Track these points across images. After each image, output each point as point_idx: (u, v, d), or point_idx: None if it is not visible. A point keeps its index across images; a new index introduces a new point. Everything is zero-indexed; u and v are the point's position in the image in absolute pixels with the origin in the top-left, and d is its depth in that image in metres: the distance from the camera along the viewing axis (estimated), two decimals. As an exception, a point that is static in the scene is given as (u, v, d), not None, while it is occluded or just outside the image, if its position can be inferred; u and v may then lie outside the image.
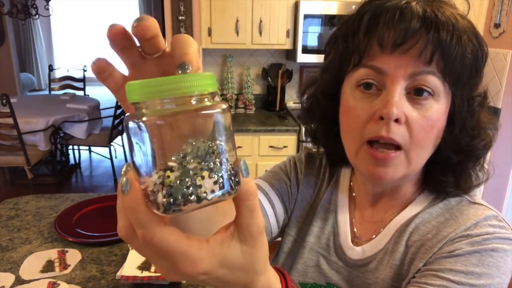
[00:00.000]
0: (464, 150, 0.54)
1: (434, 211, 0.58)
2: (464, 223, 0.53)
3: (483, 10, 2.73)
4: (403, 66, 0.49)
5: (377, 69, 0.51)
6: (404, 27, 0.48)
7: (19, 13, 4.13)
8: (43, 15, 4.44)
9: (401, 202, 0.61)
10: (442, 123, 0.52)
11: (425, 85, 0.50)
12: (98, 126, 3.87)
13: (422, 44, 0.48)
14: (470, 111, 0.53)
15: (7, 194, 3.61)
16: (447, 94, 0.51)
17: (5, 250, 1.16)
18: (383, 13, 0.50)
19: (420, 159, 0.54)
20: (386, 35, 0.49)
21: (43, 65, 8.29)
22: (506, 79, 2.62)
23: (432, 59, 0.48)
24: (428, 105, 0.50)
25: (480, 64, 0.51)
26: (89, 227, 1.27)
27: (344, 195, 0.68)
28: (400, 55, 0.49)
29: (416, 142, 0.51)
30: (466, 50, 0.49)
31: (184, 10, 2.31)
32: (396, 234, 0.59)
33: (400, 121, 0.50)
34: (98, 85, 3.33)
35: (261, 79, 3.08)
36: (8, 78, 5.27)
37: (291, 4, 2.57)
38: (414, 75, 0.49)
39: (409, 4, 0.50)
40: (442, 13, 0.49)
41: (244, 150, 2.62)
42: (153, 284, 1.03)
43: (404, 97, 0.50)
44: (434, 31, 0.48)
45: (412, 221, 0.58)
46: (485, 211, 0.55)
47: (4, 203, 1.46)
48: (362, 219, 0.65)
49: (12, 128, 3.01)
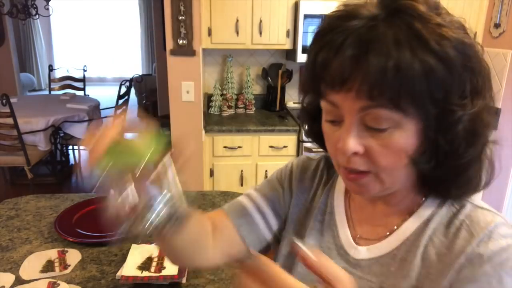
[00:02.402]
0: (443, 165, 0.51)
1: (443, 220, 0.56)
2: (477, 234, 0.52)
3: (483, 10, 2.72)
4: (351, 102, 0.48)
5: (333, 103, 0.51)
6: (338, 66, 0.47)
7: (19, 13, 4.12)
8: (43, 15, 4.44)
9: (403, 208, 0.59)
10: (408, 147, 0.49)
11: (375, 121, 0.48)
12: (98, 126, 3.87)
13: (358, 83, 0.46)
14: (443, 128, 0.49)
15: (7, 194, 3.61)
16: (409, 118, 0.47)
17: (5, 250, 1.16)
18: (322, 50, 0.49)
19: (394, 179, 0.53)
20: (326, 75, 0.49)
21: (43, 65, 8.29)
22: (506, 79, 2.62)
23: (372, 96, 0.46)
24: (387, 135, 0.48)
25: (445, 79, 0.46)
26: (89, 227, 1.27)
27: (340, 196, 0.68)
28: (345, 93, 0.48)
29: (382, 168, 0.51)
30: (412, 76, 0.44)
31: (184, 10, 2.30)
32: (407, 243, 0.57)
33: (359, 153, 0.50)
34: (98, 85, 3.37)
35: (261, 79, 3.08)
36: (8, 78, 5.27)
37: (291, 4, 2.56)
38: (363, 109, 0.48)
39: (347, 37, 0.47)
40: (376, 39, 0.45)
41: (244, 150, 2.62)
42: (153, 284, 1.03)
43: (363, 128, 0.49)
44: (367, 68, 0.45)
45: (423, 231, 0.56)
46: (493, 217, 0.54)
47: (4, 203, 1.46)
48: (362, 220, 0.64)
49: (12, 128, 3.01)
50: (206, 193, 1.58)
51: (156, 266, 1.08)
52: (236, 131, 2.58)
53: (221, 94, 2.92)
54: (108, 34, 8.88)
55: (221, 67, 3.03)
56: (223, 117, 2.84)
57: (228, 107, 2.90)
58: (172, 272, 1.05)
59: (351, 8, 0.50)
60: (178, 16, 2.31)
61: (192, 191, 1.59)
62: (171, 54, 2.39)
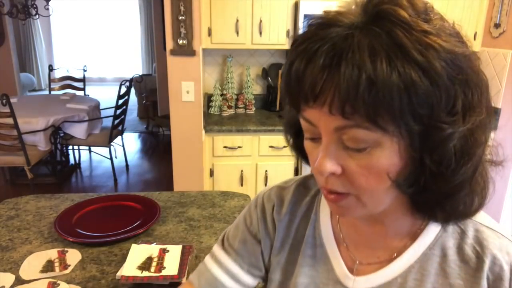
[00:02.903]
0: (430, 186, 0.45)
1: (449, 244, 0.53)
2: (505, 275, 0.50)
3: (483, 10, 2.73)
4: (326, 120, 0.44)
5: (309, 121, 0.47)
6: (309, 80, 0.43)
7: (19, 13, 4.13)
8: (43, 15, 4.44)
9: (405, 231, 0.55)
10: (390, 166, 0.45)
11: (352, 141, 0.44)
12: (98, 126, 3.87)
13: (330, 98, 0.42)
14: (428, 147, 0.43)
15: (7, 194, 3.61)
16: (390, 136, 0.43)
17: (5, 250, 1.16)
18: (294, 63, 0.45)
19: (376, 202, 0.48)
20: (300, 89, 0.45)
21: (43, 65, 8.29)
22: (506, 79, 2.63)
23: (345, 113, 0.41)
24: (366, 155, 0.44)
25: (432, 96, 0.41)
26: (89, 227, 1.27)
27: (327, 224, 0.62)
28: (319, 109, 0.43)
29: (362, 189, 0.46)
30: (390, 91, 0.39)
31: (184, 10, 2.31)
32: (413, 271, 0.54)
33: (336, 173, 0.46)
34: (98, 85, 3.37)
35: (261, 79, 3.08)
36: (8, 78, 5.27)
37: (291, 4, 2.57)
38: (338, 129, 0.44)
39: (319, 48, 0.43)
40: (349, 52, 0.41)
41: (244, 150, 2.62)
42: (153, 284, 1.03)
43: (341, 147, 0.45)
44: (337, 81, 0.41)
45: (430, 258, 0.53)
46: (504, 244, 0.52)
47: (4, 203, 1.46)
48: (359, 244, 0.58)
49: (12, 128, 3.01)
50: (206, 193, 1.58)
51: (156, 266, 1.08)
52: (236, 131, 2.58)
53: (221, 94, 2.92)
54: (108, 34, 8.88)
55: (221, 67, 3.03)
56: (223, 117, 2.84)
57: (228, 107, 2.91)
58: (172, 272, 1.05)
59: (332, 15, 0.45)
60: (178, 16, 2.31)
61: (192, 191, 1.59)
62: (171, 54, 2.39)
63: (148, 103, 5.87)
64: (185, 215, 1.39)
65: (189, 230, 1.30)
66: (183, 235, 1.27)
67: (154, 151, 5.05)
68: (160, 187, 3.93)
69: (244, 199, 1.52)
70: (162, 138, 5.45)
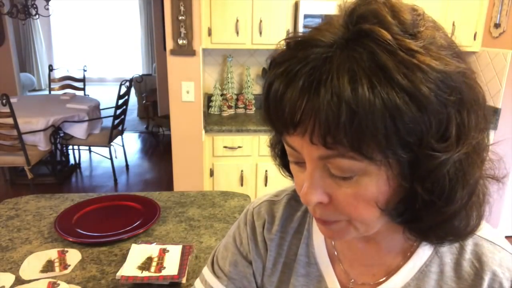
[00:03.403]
0: (422, 215, 0.43)
1: (446, 261, 0.51)
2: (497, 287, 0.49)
3: (483, 10, 2.73)
4: (308, 149, 0.41)
5: (291, 147, 0.44)
6: (287, 107, 0.40)
7: (19, 13, 4.13)
8: (43, 15, 4.44)
9: (399, 248, 0.53)
10: (383, 192, 0.41)
11: (338, 170, 0.41)
12: (98, 126, 3.87)
13: (310, 128, 0.39)
14: (419, 176, 0.40)
15: (7, 194, 3.61)
16: (378, 163, 0.39)
17: (5, 250, 1.16)
18: (273, 86, 0.41)
19: (367, 226, 0.45)
20: (279, 115, 0.41)
21: (43, 65, 8.29)
22: (506, 79, 2.63)
23: (327, 143, 0.38)
24: (354, 183, 0.41)
25: (420, 123, 0.37)
26: (89, 227, 1.27)
27: (320, 241, 0.59)
28: (301, 137, 0.40)
29: (352, 217, 0.44)
30: (372, 119, 0.36)
31: (184, 10, 2.31)
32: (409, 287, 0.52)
33: (324, 202, 0.43)
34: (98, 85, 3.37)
35: (261, 79, 3.08)
36: (8, 78, 5.28)
37: (291, 4, 2.57)
38: (322, 158, 0.41)
39: (294, 78, 0.39)
40: (328, 78, 0.37)
41: (244, 150, 2.62)
42: (153, 284, 1.03)
43: (326, 174, 0.42)
44: (316, 110, 0.37)
45: (427, 275, 0.51)
46: (504, 258, 0.50)
47: (4, 203, 1.46)
48: (353, 261, 0.56)
49: (12, 128, 3.01)
50: (206, 193, 1.58)
51: (156, 266, 1.08)
52: (236, 131, 2.58)
53: (221, 94, 2.92)
54: (108, 34, 8.89)
55: (221, 67, 3.03)
56: (223, 117, 2.84)
57: (228, 107, 2.91)
58: (172, 272, 1.05)
59: (312, 33, 0.41)
60: (178, 16, 2.31)
61: (192, 191, 1.59)
62: (171, 54, 2.39)
63: (148, 103, 5.87)
64: (185, 215, 1.39)
65: (189, 230, 1.30)
66: (183, 235, 1.27)
67: (154, 151, 5.05)
68: (160, 187, 3.94)
69: (244, 199, 1.52)
70: (162, 138, 5.45)
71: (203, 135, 2.55)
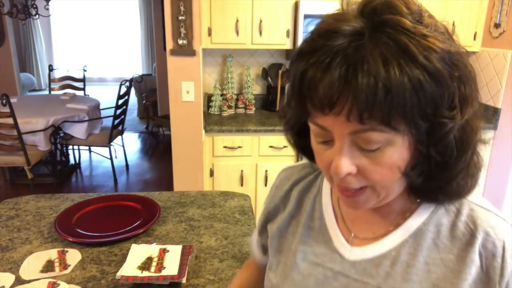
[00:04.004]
0: (435, 175, 0.51)
1: (444, 221, 0.56)
2: (497, 251, 0.52)
3: (483, 10, 2.73)
4: (341, 125, 0.47)
5: (321, 126, 0.49)
6: (326, 90, 0.45)
7: (19, 13, 4.13)
8: (43, 15, 4.44)
9: (399, 208, 0.58)
10: (401, 161, 0.49)
11: (367, 143, 0.47)
12: (98, 126, 3.87)
13: (348, 106, 0.45)
14: (433, 140, 0.48)
15: (7, 194, 3.61)
16: (400, 135, 0.47)
17: (5, 250, 1.16)
18: (307, 74, 0.47)
19: (389, 191, 0.52)
20: (315, 99, 0.47)
21: (43, 65, 8.29)
22: (506, 79, 2.63)
23: (362, 119, 0.45)
24: (379, 153, 0.48)
25: (435, 93, 0.45)
26: (89, 227, 1.27)
27: (327, 199, 0.66)
28: (335, 116, 0.47)
29: (377, 183, 0.51)
30: (403, 95, 0.43)
31: (184, 10, 2.30)
32: (407, 245, 0.56)
33: (352, 173, 0.50)
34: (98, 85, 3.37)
35: (261, 79, 3.08)
36: (8, 78, 5.28)
37: (291, 4, 2.57)
38: (353, 133, 0.47)
39: (330, 65, 0.45)
40: (364, 63, 0.43)
41: (244, 150, 2.62)
42: (153, 284, 1.03)
43: (354, 148, 0.49)
44: (355, 91, 0.44)
45: (424, 233, 0.56)
46: (497, 222, 0.54)
47: (4, 203, 1.46)
48: (355, 219, 0.62)
49: (12, 128, 3.01)
50: (206, 193, 1.58)
51: (156, 266, 1.08)
52: (236, 131, 2.58)
53: (221, 94, 2.92)
54: (108, 34, 8.88)
55: (221, 67, 3.03)
56: (223, 117, 2.84)
57: (228, 107, 2.91)
58: (172, 272, 1.05)
59: (332, 23, 0.48)
60: (178, 16, 2.31)
61: (192, 191, 1.59)
62: (171, 54, 2.39)
63: (148, 103, 5.87)
64: (185, 215, 1.39)
65: (189, 230, 1.30)
66: (183, 235, 1.27)
67: (154, 151, 5.05)
68: (160, 187, 3.94)
69: (244, 199, 1.52)
70: (162, 138, 5.45)
71: (203, 135, 2.55)
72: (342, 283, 0.59)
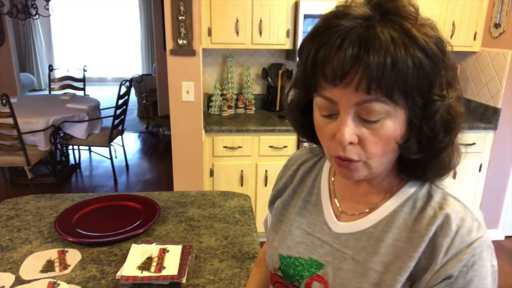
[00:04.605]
0: (424, 149, 0.58)
1: (417, 204, 0.62)
2: (450, 232, 0.57)
3: (483, 10, 2.73)
4: (348, 96, 0.53)
5: (329, 99, 0.55)
6: (339, 61, 0.52)
7: (19, 13, 4.13)
8: (43, 15, 4.44)
9: (384, 189, 0.65)
10: (397, 134, 0.56)
11: (370, 114, 0.54)
12: (98, 126, 3.87)
13: (358, 77, 0.51)
14: (426, 116, 0.55)
15: (7, 194, 3.62)
16: (399, 109, 0.54)
17: (5, 250, 1.16)
18: (323, 46, 0.53)
19: (381, 164, 0.59)
20: (327, 70, 0.53)
21: (43, 65, 8.29)
22: (506, 79, 2.62)
23: (370, 90, 0.51)
24: (379, 125, 0.54)
25: (430, 72, 0.52)
26: (89, 227, 1.27)
27: (325, 179, 0.75)
28: (344, 88, 0.53)
29: (373, 155, 0.57)
30: (406, 69, 0.50)
31: (184, 10, 2.30)
32: (383, 223, 0.63)
33: (354, 142, 0.56)
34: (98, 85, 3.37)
35: (261, 79, 3.08)
36: (8, 78, 5.27)
37: (291, 4, 2.57)
38: (359, 103, 0.53)
39: (346, 34, 0.52)
40: (375, 38, 0.51)
41: (244, 150, 2.62)
42: (153, 284, 1.03)
43: (357, 120, 0.55)
44: (367, 62, 0.50)
45: (398, 213, 0.63)
46: (461, 210, 0.59)
47: (4, 203, 1.46)
48: (345, 197, 0.71)
49: (12, 128, 3.01)
50: (206, 193, 1.58)
51: (156, 266, 1.08)
52: (236, 131, 2.58)
53: (221, 94, 2.92)
54: (108, 34, 8.88)
55: (221, 67, 3.03)
56: (223, 117, 2.84)
57: (228, 107, 2.91)
58: (172, 272, 1.05)
59: (343, 8, 0.55)
60: (178, 16, 2.31)
61: (192, 191, 1.59)
62: (171, 54, 2.39)
63: (148, 103, 5.87)
64: (185, 215, 1.39)
65: (189, 230, 1.30)
66: (183, 235, 1.27)
67: (154, 151, 5.05)
68: (160, 187, 3.94)
69: (244, 199, 1.52)
70: (162, 138, 5.45)
71: (203, 135, 2.56)
72: (326, 250, 0.68)
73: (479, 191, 2.89)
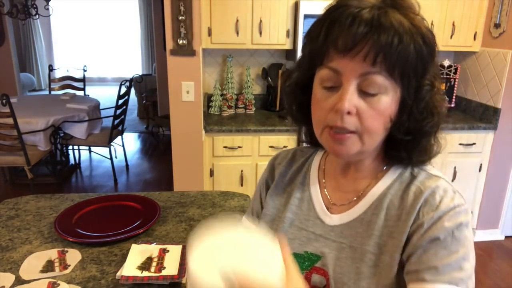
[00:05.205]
0: (412, 131, 0.63)
1: (402, 186, 0.67)
2: (434, 202, 0.62)
3: (483, 10, 2.73)
4: (354, 67, 0.58)
5: (334, 69, 0.60)
6: (352, 33, 0.57)
7: (19, 13, 4.12)
8: (43, 15, 4.44)
9: (370, 175, 0.70)
10: (391, 111, 0.61)
11: (371, 86, 0.59)
12: (98, 126, 3.87)
13: (367, 49, 0.57)
14: (418, 99, 0.61)
15: (7, 194, 3.61)
16: (396, 87, 0.60)
17: (5, 250, 1.16)
18: (338, 20, 0.59)
19: (373, 141, 0.63)
20: (340, 41, 0.58)
21: (43, 65, 8.29)
22: (506, 79, 2.62)
23: (376, 61, 0.57)
24: (377, 99, 0.59)
25: (426, 59, 0.59)
26: (89, 227, 1.27)
27: (315, 175, 0.78)
28: (352, 58, 0.58)
29: (367, 129, 0.61)
30: (409, 50, 0.57)
31: (184, 10, 2.30)
32: (372, 207, 0.67)
33: (352, 113, 0.60)
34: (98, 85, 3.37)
35: (261, 79, 3.08)
36: (8, 78, 5.27)
37: (291, 4, 2.57)
38: (363, 75, 0.58)
39: (360, 12, 0.58)
40: (386, 18, 0.57)
41: (244, 150, 2.62)
42: (153, 284, 1.03)
43: (356, 92, 0.60)
44: (377, 36, 0.56)
45: (385, 196, 0.67)
46: (443, 184, 0.64)
47: (4, 203, 1.46)
48: (335, 188, 0.74)
49: (12, 128, 3.01)
50: (206, 193, 1.58)
51: (156, 266, 1.08)
52: (236, 131, 2.58)
53: (221, 94, 2.92)
54: (108, 34, 8.88)
55: (221, 67, 3.03)
56: (223, 117, 2.84)
57: (228, 107, 2.91)
58: (172, 272, 1.05)
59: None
60: (178, 16, 2.31)
61: (192, 191, 1.59)
62: (171, 54, 2.39)
63: (148, 103, 5.87)
64: (185, 215, 1.39)
65: (189, 230, 1.30)
66: (183, 235, 1.27)
67: (154, 151, 5.05)
68: (160, 187, 3.94)
69: (244, 199, 1.52)
70: (162, 138, 5.45)
71: (203, 135, 2.55)
72: (322, 243, 0.71)
73: (479, 191, 2.89)
